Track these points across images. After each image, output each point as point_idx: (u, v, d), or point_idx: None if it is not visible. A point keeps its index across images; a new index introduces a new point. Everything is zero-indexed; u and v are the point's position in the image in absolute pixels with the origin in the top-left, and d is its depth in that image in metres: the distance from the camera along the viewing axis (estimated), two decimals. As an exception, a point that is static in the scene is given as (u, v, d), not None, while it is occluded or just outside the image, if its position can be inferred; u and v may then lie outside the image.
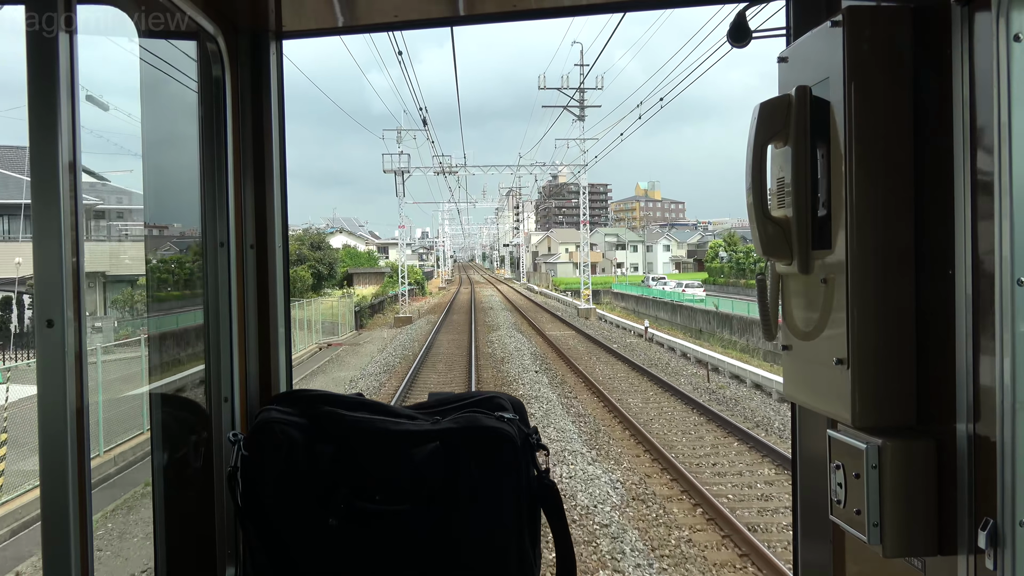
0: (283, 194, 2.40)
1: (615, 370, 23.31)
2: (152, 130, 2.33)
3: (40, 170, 1.49)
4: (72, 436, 1.49)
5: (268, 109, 2.35)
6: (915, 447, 1.63)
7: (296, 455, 1.93)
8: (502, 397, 2.02)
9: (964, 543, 1.51)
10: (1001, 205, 1.38)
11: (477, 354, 25.91)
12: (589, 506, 10.41)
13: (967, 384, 1.49)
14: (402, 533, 1.90)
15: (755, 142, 1.89)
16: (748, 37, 2.08)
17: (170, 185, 2.42)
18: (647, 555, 8.74)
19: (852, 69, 1.68)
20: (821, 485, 1.90)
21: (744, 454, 13.05)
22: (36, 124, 1.49)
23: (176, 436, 2.36)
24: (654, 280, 75.26)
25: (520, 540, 1.91)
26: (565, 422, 15.64)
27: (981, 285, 1.45)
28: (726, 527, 9.46)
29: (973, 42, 1.46)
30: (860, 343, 1.68)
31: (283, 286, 2.40)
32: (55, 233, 1.49)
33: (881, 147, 1.68)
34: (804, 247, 1.85)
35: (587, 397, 19.04)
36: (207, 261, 2.26)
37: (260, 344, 2.36)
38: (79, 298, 1.51)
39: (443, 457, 1.88)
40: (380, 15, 2.51)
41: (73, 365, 1.50)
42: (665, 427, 15.30)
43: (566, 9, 2.62)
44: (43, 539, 1.52)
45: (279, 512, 1.94)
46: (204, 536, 2.28)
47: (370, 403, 2.03)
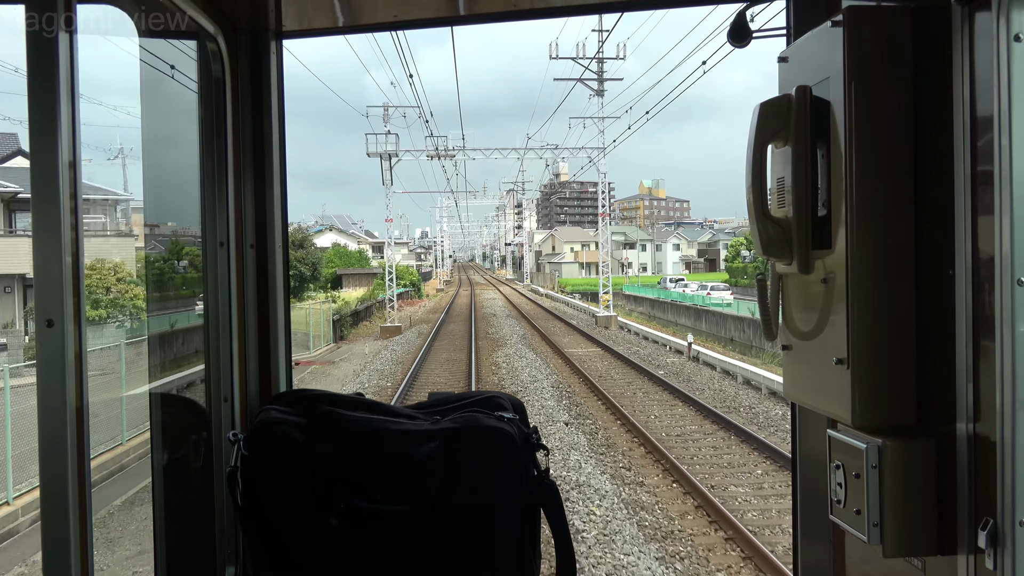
0: (283, 194, 2.41)
1: (680, 417, 15.85)
2: (152, 130, 2.33)
3: (40, 170, 1.49)
4: (72, 436, 1.49)
5: (268, 109, 2.35)
6: (915, 447, 1.63)
7: (296, 455, 1.93)
8: (502, 397, 2.02)
9: (964, 543, 1.51)
10: (1001, 205, 1.38)
11: (478, 387, 19.03)
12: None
13: (967, 384, 1.49)
14: (402, 533, 1.90)
15: (755, 142, 1.89)
16: (748, 37, 2.08)
17: (170, 185, 2.42)
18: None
19: (852, 69, 1.67)
20: (821, 485, 1.90)
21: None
22: (36, 124, 1.49)
23: (176, 436, 2.36)
24: (672, 281, 68.69)
25: (520, 540, 1.91)
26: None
27: (981, 285, 1.45)
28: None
29: (973, 42, 1.46)
30: (860, 343, 1.68)
31: (283, 286, 2.40)
32: (55, 233, 1.49)
33: (881, 147, 1.68)
34: (804, 247, 1.85)
35: (665, 489, 11.04)
36: (207, 261, 2.26)
37: (260, 344, 2.36)
38: (79, 298, 1.51)
39: (443, 457, 1.88)
40: (380, 15, 2.51)
41: (73, 365, 1.50)
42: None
43: (566, 9, 2.62)
44: (43, 539, 1.52)
45: (279, 512, 1.94)
46: (204, 536, 2.28)
47: (370, 403, 2.03)
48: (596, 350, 27.72)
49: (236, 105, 2.29)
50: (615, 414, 16.25)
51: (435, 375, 22.29)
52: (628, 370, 22.72)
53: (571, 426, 14.51)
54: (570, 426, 14.57)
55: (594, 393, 18.75)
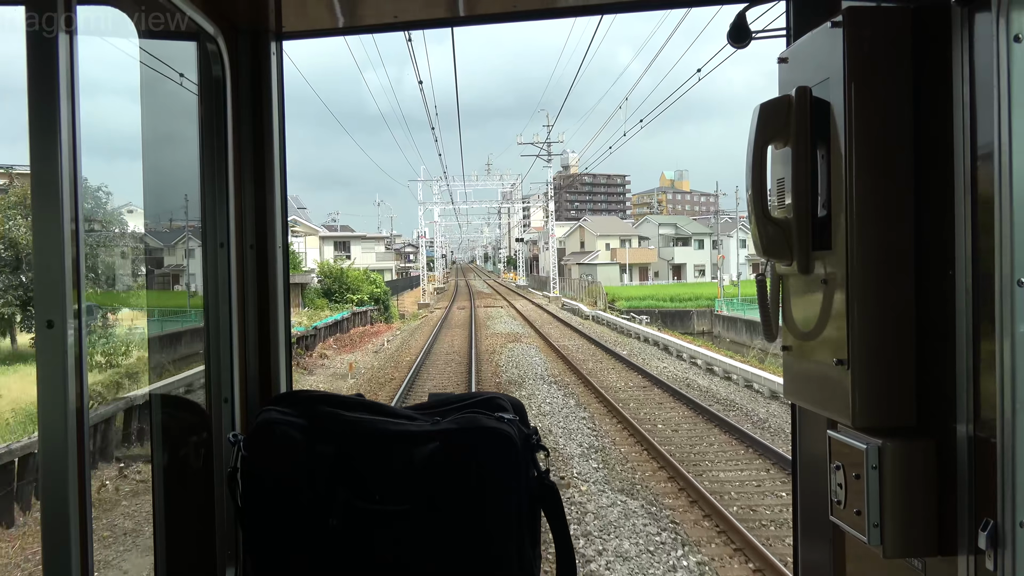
0: (283, 194, 2.41)
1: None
2: (152, 130, 2.33)
3: (40, 170, 1.49)
4: (72, 436, 1.49)
5: (268, 109, 2.35)
6: (915, 447, 1.63)
7: (296, 456, 1.93)
8: (502, 398, 2.01)
9: (964, 544, 1.51)
10: (1001, 205, 1.38)
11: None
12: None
13: (967, 384, 1.49)
14: (402, 533, 1.90)
15: (755, 143, 1.89)
16: (748, 38, 2.08)
17: (170, 185, 2.43)
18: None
19: (852, 70, 1.68)
20: (821, 486, 1.89)
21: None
22: (36, 124, 1.49)
23: (176, 437, 2.36)
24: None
25: (520, 541, 1.91)
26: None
27: (981, 285, 1.45)
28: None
29: (973, 43, 1.46)
30: (860, 343, 1.68)
31: (283, 286, 2.40)
32: (55, 233, 1.49)
33: (881, 147, 1.68)
34: (804, 248, 1.85)
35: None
36: (207, 261, 2.26)
37: (260, 345, 2.36)
38: (79, 298, 1.51)
39: (443, 458, 1.88)
40: (380, 16, 2.51)
41: (73, 365, 1.50)
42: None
43: (566, 10, 2.62)
44: (43, 539, 1.52)
45: (279, 512, 1.94)
46: (204, 536, 2.28)
47: (370, 404, 2.03)
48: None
49: (236, 106, 2.29)
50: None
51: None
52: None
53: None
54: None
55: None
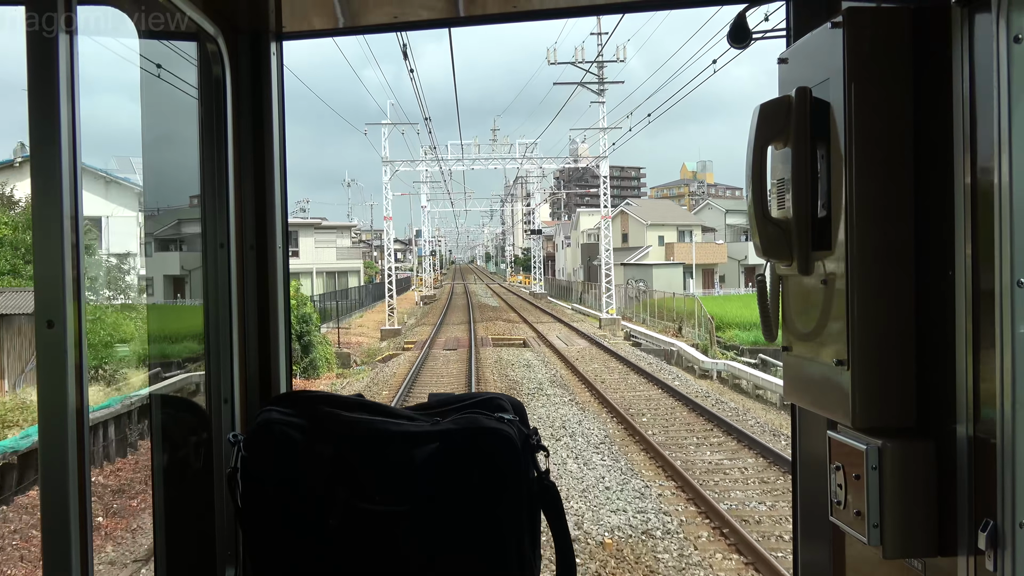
0: (283, 195, 2.40)
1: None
2: (152, 131, 2.33)
3: (40, 170, 1.49)
4: (72, 436, 1.49)
5: (268, 110, 2.35)
6: (915, 448, 1.63)
7: (296, 456, 1.93)
8: (502, 398, 2.01)
9: (964, 544, 1.51)
10: (1001, 205, 1.38)
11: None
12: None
13: (967, 385, 1.49)
14: (402, 534, 1.90)
15: (755, 143, 1.89)
16: (748, 38, 2.08)
17: (170, 186, 2.43)
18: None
19: (852, 70, 1.68)
20: (821, 486, 1.89)
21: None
22: (36, 124, 1.49)
23: (176, 437, 2.36)
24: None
25: (520, 541, 1.91)
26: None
27: (981, 285, 1.45)
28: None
29: (973, 43, 1.46)
30: (860, 344, 1.68)
31: (283, 287, 2.40)
32: (55, 233, 1.48)
33: (881, 148, 1.68)
34: (804, 248, 1.85)
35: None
36: (207, 262, 2.26)
37: (260, 345, 2.36)
38: (79, 299, 1.51)
39: (443, 458, 1.88)
40: (380, 16, 2.51)
41: (73, 365, 1.50)
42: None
43: (566, 10, 2.62)
44: (43, 539, 1.52)
45: (279, 513, 1.94)
46: (204, 537, 2.28)
47: (370, 404, 2.03)
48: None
49: (236, 106, 2.29)
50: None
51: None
52: None
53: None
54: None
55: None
